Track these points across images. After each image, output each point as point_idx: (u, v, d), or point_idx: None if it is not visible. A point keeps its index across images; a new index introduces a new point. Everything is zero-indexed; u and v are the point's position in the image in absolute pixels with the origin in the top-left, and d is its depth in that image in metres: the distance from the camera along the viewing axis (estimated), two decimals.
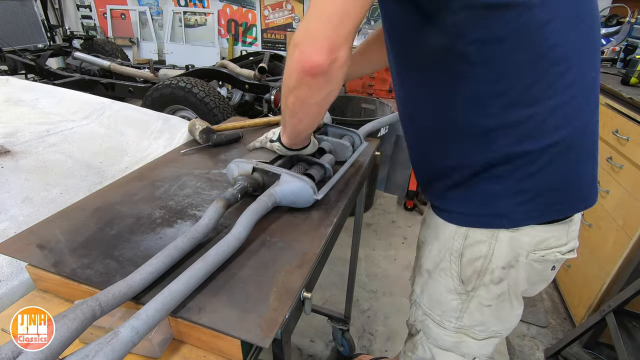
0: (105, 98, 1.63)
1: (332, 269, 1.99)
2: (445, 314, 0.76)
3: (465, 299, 0.73)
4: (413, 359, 0.86)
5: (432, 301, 0.78)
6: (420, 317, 0.82)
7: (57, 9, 5.07)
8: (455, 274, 0.72)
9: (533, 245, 0.65)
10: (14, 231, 0.79)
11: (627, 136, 1.46)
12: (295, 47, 0.55)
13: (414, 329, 0.86)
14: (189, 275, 0.53)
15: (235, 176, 0.79)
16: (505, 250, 0.65)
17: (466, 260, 0.69)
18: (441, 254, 0.73)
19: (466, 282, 0.71)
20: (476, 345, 0.77)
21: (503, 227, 0.64)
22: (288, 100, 0.64)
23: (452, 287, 0.73)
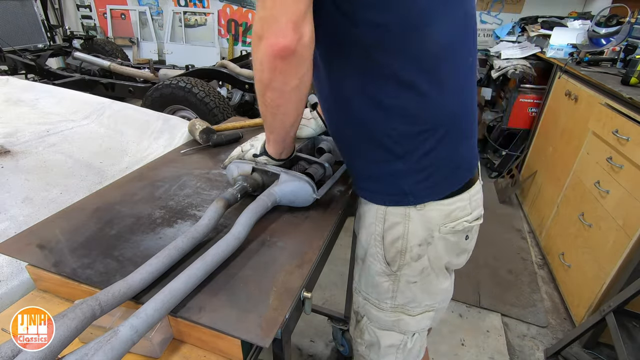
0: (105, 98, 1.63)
1: (332, 269, 1.99)
2: (380, 296, 0.81)
3: (395, 280, 0.78)
4: (363, 344, 0.91)
5: (368, 286, 0.83)
6: (361, 303, 0.87)
7: (57, 9, 5.07)
8: (381, 257, 0.77)
9: (442, 219, 0.71)
10: (14, 231, 0.79)
11: (627, 136, 1.46)
12: (258, 39, 0.55)
13: (359, 315, 0.90)
14: (188, 275, 0.53)
15: (234, 176, 0.80)
16: (418, 228, 0.71)
17: (388, 242, 0.74)
18: (368, 240, 0.78)
19: (391, 263, 0.76)
20: (413, 321, 0.82)
21: (409, 203, 0.70)
22: (266, 97, 0.64)
23: (381, 270, 0.78)
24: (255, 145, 0.83)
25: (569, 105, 2.14)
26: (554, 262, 2.01)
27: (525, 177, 2.66)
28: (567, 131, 2.12)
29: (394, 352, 0.86)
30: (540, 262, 2.15)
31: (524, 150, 2.82)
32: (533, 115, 2.77)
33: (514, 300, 1.85)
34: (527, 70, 2.64)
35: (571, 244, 1.82)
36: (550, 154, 2.32)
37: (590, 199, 1.70)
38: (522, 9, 3.71)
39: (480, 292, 1.89)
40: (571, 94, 2.12)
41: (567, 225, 1.89)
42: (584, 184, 1.77)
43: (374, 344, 0.88)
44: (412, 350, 0.87)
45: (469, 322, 1.72)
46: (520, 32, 3.26)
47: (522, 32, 3.26)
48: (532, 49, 2.77)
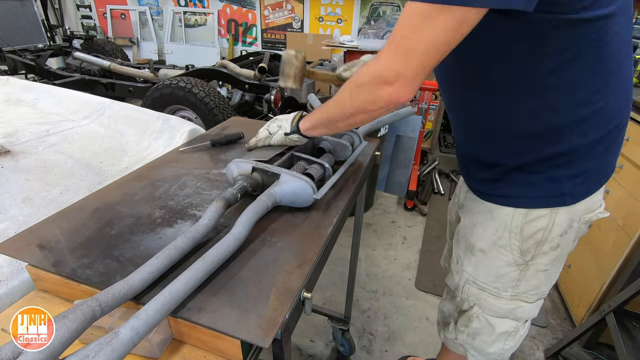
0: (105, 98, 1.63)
1: (332, 269, 1.99)
2: (502, 285, 0.83)
3: (523, 269, 0.80)
4: (466, 333, 0.93)
5: (490, 276, 0.84)
6: (474, 292, 0.88)
7: (57, 9, 5.07)
8: (515, 248, 0.78)
9: (584, 211, 0.75)
10: (14, 231, 0.79)
11: (627, 136, 1.46)
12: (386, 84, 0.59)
13: (466, 304, 0.91)
14: (188, 276, 0.53)
15: (234, 176, 0.79)
16: (564, 219, 0.74)
17: (527, 234, 0.76)
18: (499, 232, 0.79)
19: (525, 254, 0.78)
20: (530, 307, 0.84)
21: (565, 204, 0.72)
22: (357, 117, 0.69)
23: (512, 261, 0.79)
24: (283, 125, 0.86)
25: None
26: None
27: None
28: None
29: (504, 339, 0.89)
30: None
31: None
32: None
33: None
34: None
35: None
36: None
37: None
38: None
39: None
40: None
41: None
42: None
43: (482, 332, 0.90)
44: (520, 338, 0.90)
45: None
46: None
47: None
48: None
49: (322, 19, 4.44)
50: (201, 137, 1.15)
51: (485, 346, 0.91)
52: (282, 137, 0.87)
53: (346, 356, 1.53)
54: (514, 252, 0.78)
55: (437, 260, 2.09)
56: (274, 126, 0.89)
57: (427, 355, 1.54)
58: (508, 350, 0.91)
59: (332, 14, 4.39)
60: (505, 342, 0.89)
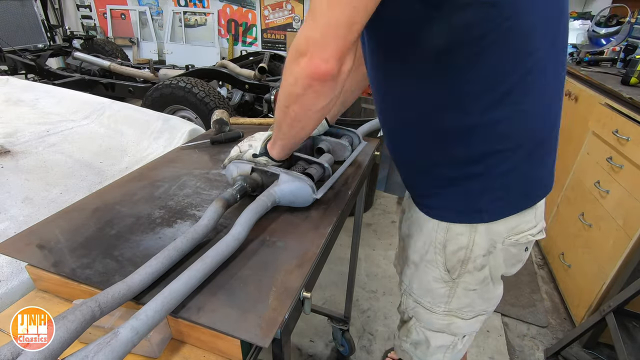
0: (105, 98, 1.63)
1: (332, 269, 1.99)
2: (434, 301, 0.81)
3: (452, 286, 0.78)
4: (408, 342, 0.92)
5: (422, 290, 0.83)
6: (411, 305, 0.87)
7: (57, 9, 5.08)
8: (440, 264, 0.76)
9: (507, 232, 0.70)
10: (14, 231, 0.79)
11: (627, 136, 1.46)
12: (300, 55, 0.55)
13: (406, 315, 0.91)
14: (188, 276, 0.53)
15: (234, 176, 0.80)
16: (484, 239, 0.70)
17: (450, 251, 0.74)
18: (426, 247, 0.77)
19: (451, 271, 0.76)
20: (465, 325, 0.82)
21: (482, 221, 0.69)
22: (290, 109, 0.62)
23: (439, 277, 0.78)
24: (254, 145, 0.81)
25: (569, 105, 2.14)
26: (554, 262, 2.01)
27: None
28: (567, 131, 2.12)
29: (443, 352, 0.87)
30: (540, 262, 2.15)
31: None
32: None
33: (514, 300, 1.85)
34: None
35: (571, 244, 1.82)
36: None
37: (590, 199, 1.70)
38: None
39: None
40: (571, 94, 2.12)
41: (567, 225, 1.89)
42: (584, 184, 1.77)
43: (421, 343, 0.89)
44: (461, 351, 0.88)
45: None
46: None
47: None
48: None
49: None
50: (201, 137, 1.16)
51: (425, 357, 0.90)
52: (250, 157, 0.81)
53: (346, 356, 1.53)
54: (439, 268, 0.77)
55: None
56: (245, 145, 0.83)
57: None
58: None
59: None
60: (445, 354, 0.88)
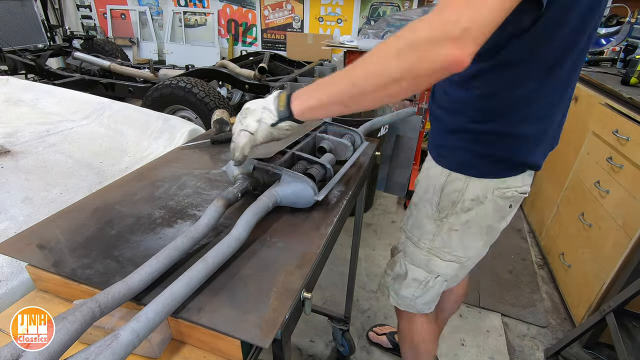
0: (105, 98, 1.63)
1: (332, 269, 1.99)
2: (422, 236, 0.95)
3: (439, 225, 0.91)
4: (391, 275, 1.07)
5: (414, 226, 0.97)
6: (402, 240, 1.03)
7: (57, 9, 5.08)
8: (435, 203, 0.90)
9: (497, 184, 0.83)
10: (14, 231, 0.79)
11: (627, 136, 1.46)
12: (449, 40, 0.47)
13: (397, 250, 1.06)
14: (189, 277, 0.53)
15: (235, 175, 0.79)
16: (476, 187, 0.84)
17: (445, 193, 0.87)
18: (427, 188, 0.92)
19: (441, 211, 0.89)
20: (442, 265, 0.95)
21: (473, 175, 0.83)
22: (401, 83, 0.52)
23: (430, 214, 0.92)
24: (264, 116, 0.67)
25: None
26: (554, 262, 2.01)
27: None
28: (567, 131, 2.11)
29: (416, 286, 1.01)
30: (540, 262, 2.15)
31: None
32: None
33: (514, 300, 1.85)
34: None
35: (571, 244, 1.82)
36: (550, 154, 2.32)
37: (590, 199, 1.70)
38: None
39: (480, 292, 1.89)
40: None
41: (567, 225, 1.89)
42: (584, 184, 1.77)
43: (400, 276, 1.04)
44: (430, 290, 1.00)
45: (469, 322, 1.72)
46: None
47: None
48: None
49: (322, 19, 4.44)
50: (201, 137, 1.15)
51: (400, 289, 1.04)
52: (267, 132, 0.66)
53: (346, 356, 1.53)
54: (432, 206, 0.90)
55: None
56: (251, 122, 0.67)
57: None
58: (418, 298, 1.02)
59: (332, 14, 4.38)
60: (416, 289, 1.01)
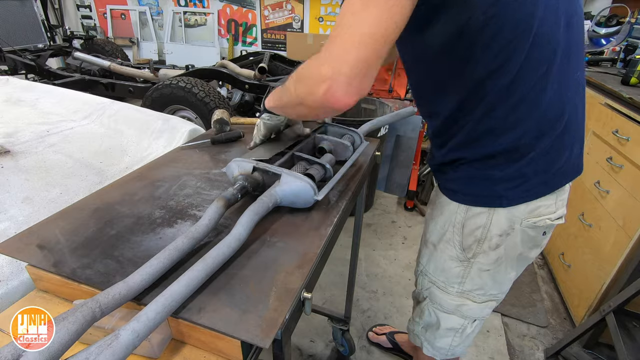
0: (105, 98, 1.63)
1: (332, 269, 1.99)
2: (448, 280, 0.85)
3: (467, 266, 0.82)
4: (421, 324, 0.97)
5: (437, 270, 0.87)
6: (426, 285, 0.92)
7: (57, 9, 5.08)
8: (457, 243, 0.81)
9: (526, 214, 0.73)
10: (14, 231, 0.79)
11: (627, 136, 1.46)
12: (323, 82, 0.53)
13: (421, 296, 0.95)
14: (189, 277, 0.53)
15: (235, 175, 0.79)
16: (502, 220, 0.74)
17: (467, 231, 0.78)
18: (445, 227, 0.82)
19: (467, 250, 0.80)
20: (477, 308, 0.86)
21: (501, 206, 0.73)
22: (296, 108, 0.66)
23: (455, 256, 0.82)
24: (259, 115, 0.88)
25: None
26: (554, 262, 2.01)
27: None
28: None
29: (452, 335, 0.91)
30: (540, 262, 2.15)
31: None
32: None
33: (514, 300, 1.85)
34: None
35: (571, 244, 1.82)
36: None
37: (590, 199, 1.70)
38: None
39: None
40: None
41: (567, 225, 1.89)
42: (584, 184, 1.77)
43: (432, 325, 0.93)
44: (469, 336, 0.92)
45: None
46: None
47: None
48: None
49: (322, 19, 4.44)
50: (201, 137, 1.15)
51: (434, 340, 0.95)
52: (261, 123, 0.87)
53: (346, 356, 1.53)
54: (456, 247, 0.81)
55: None
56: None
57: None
58: (457, 347, 0.94)
59: (332, 14, 4.38)
60: (453, 338, 0.92)
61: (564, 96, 0.67)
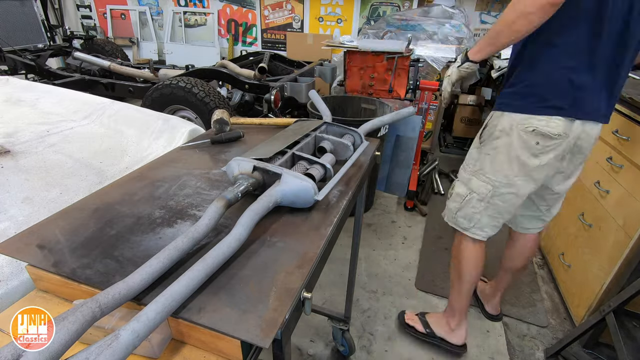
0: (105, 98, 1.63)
1: (332, 269, 1.99)
2: (469, 161, 1.30)
3: (479, 150, 1.25)
4: (449, 197, 1.40)
5: (468, 157, 1.32)
6: (460, 171, 1.35)
7: (57, 9, 5.07)
8: (479, 135, 1.25)
9: (520, 120, 1.10)
10: (14, 231, 0.79)
11: (627, 136, 1.46)
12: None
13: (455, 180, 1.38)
14: (189, 277, 0.53)
15: (235, 174, 0.79)
16: (506, 121, 1.14)
17: (487, 128, 1.21)
18: (480, 131, 1.25)
19: (482, 140, 1.24)
20: (477, 184, 1.26)
21: (504, 110, 1.14)
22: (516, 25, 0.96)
23: (476, 145, 1.27)
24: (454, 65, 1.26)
25: None
26: (554, 262, 2.01)
27: None
28: None
29: (458, 200, 1.33)
30: (540, 262, 2.15)
31: None
32: None
33: (514, 300, 1.85)
34: None
35: (571, 244, 1.82)
36: None
37: (590, 199, 1.70)
38: None
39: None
40: None
41: (567, 225, 1.89)
42: (584, 184, 1.77)
43: (452, 194, 1.37)
44: (466, 205, 1.30)
45: (469, 322, 1.72)
46: None
47: None
48: None
49: (322, 19, 4.44)
50: (201, 137, 1.15)
51: (449, 203, 1.38)
52: (456, 72, 1.24)
53: (346, 356, 1.53)
54: (477, 138, 1.26)
55: (437, 260, 2.09)
56: (449, 71, 1.28)
57: (428, 355, 1.54)
58: (458, 211, 1.33)
59: (332, 14, 4.38)
60: (458, 203, 1.32)
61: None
